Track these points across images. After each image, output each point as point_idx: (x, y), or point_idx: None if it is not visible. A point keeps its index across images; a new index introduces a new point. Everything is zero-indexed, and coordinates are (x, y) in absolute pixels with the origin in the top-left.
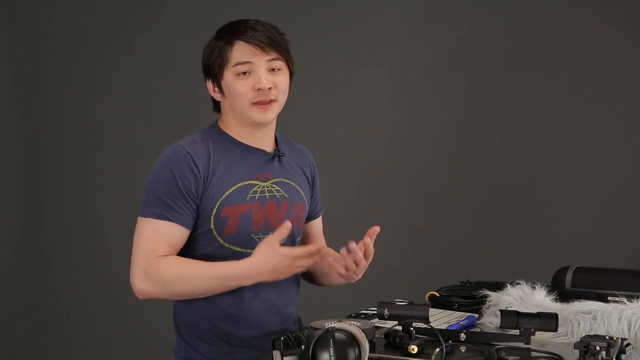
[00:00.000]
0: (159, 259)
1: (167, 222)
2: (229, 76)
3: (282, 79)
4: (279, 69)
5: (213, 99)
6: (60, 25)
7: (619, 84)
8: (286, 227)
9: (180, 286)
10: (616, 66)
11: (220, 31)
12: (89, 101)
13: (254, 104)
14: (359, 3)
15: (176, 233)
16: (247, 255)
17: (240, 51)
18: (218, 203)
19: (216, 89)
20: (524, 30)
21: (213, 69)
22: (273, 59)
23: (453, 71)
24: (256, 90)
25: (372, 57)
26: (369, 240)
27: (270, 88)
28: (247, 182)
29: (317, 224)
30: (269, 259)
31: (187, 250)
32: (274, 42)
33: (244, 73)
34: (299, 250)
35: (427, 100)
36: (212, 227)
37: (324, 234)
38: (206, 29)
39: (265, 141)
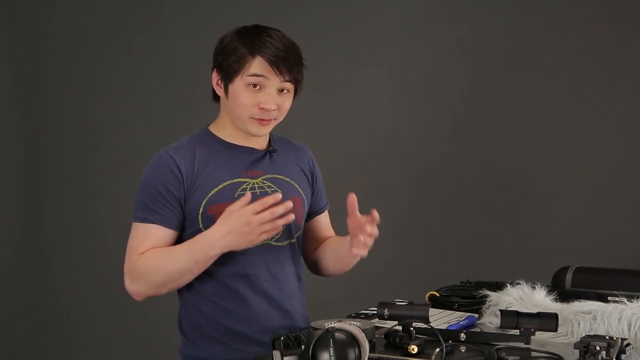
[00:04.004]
0: (137, 257)
1: (150, 224)
2: (239, 83)
3: (287, 101)
4: (287, 91)
5: (214, 90)
6: (60, 25)
7: (619, 84)
8: (246, 197)
9: (157, 274)
10: (616, 66)
11: (245, 35)
12: (89, 101)
13: (253, 118)
14: (359, 3)
15: (160, 234)
16: (240, 251)
17: (259, 66)
18: (204, 202)
19: (221, 84)
20: (524, 30)
21: (227, 69)
22: (285, 81)
23: (453, 71)
24: (260, 108)
25: (372, 57)
26: (373, 216)
27: (274, 110)
28: (235, 180)
29: (323, 219)
30: (225, 220)
31: None
32: (293, 67)
33: (254, 85)
34: (253, 204)
35: (427, 100)
36: (201, 226)
37: (334, 229)
38: (206, 29)
39: (257, 141)
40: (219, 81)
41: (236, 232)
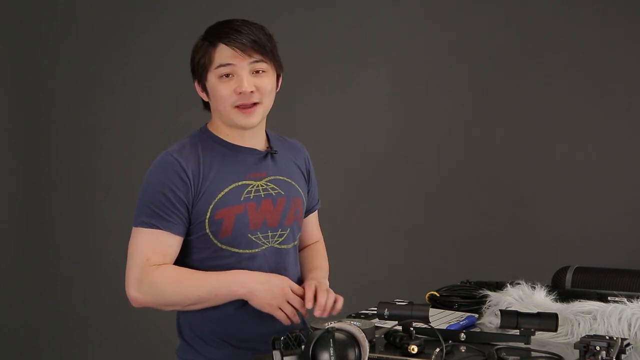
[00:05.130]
0: (152, 268)
1: (158, 230)
2: (212, 78)
3: (267, 81)
4: (263, 71)
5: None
6: (60, 25)
7: (619, 84)
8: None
9: (172, 294)
10: (616, 66)
11: (207, 31)
12: (89, 101)
13: (236, 107)
14: (359, 4)
15: (167, 241)
16: (246, 255)
17: (222, 54)
18: (211, 206)
19: (200, 87)
20: (524, 31)
21: (198, 69)
22: (256, 61)
23: (453, 72)
24: (238, 93)
25: (372, 58)
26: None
27: (252, 92)
28: (240, 183)
29: (312, 218)
30: (269, 275)
31: (185, 255)
32: (257, 44)
33: (227, 75)
34: (299, 287)
35: (427, 101)
36: (207, 230)
37: (321, 228)
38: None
39: (255, 140)
40: (200, 87)
41: (269, 287)
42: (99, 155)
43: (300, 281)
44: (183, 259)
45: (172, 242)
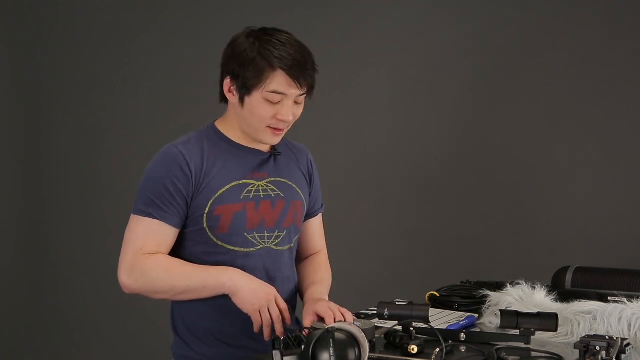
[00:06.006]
0: (145, 256)
1: (154, 220)
2: (257, 96)
3: (301, 108)
4: (302, 101)
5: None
6: (60, 25)
7: (619, 84)
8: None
9: (161, 282)
10: (616, 66)
11: (259, 43)
12: (89, 101)
13: (269, 127)
14: (359, 3)
15: (163, 231)
16: (241, 253)
17: (280, 81)
18: (211, 202)
19: (235, 92)
20: (524, 31)
21: (245, 82)
22: (303, 94)
23: (453, 71)
24: (278, 119)
25: (372, 58)
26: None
27: (291, 119)
28: (241, 182)
29: (315, 223)
30: (258, 279)
31: (181, 248)
32: (312, 79)
33: (274, 99)
34: (283, 303)
35: (427, 101)
36: (205, 225)
37: (325, 234)
38: (207, 28)
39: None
40: (233, 89)
41: (255, 288)
42: (99, 155)
43: (295, 284)
44: (179, 252)
45: (167, 233)
